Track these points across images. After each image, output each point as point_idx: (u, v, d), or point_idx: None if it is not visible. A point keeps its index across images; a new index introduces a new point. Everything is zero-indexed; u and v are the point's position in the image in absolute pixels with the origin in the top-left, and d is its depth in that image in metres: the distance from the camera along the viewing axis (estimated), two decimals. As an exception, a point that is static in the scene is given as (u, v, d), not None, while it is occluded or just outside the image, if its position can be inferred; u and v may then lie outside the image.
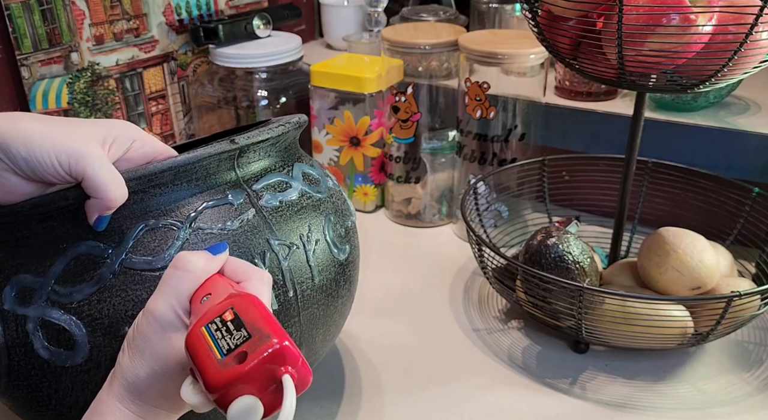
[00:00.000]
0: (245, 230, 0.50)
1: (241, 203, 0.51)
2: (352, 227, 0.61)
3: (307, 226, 0.54)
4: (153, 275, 0.47)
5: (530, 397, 0.65)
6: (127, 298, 0.46)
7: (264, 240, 0.51)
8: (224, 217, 0.50)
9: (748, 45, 0.56)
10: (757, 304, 0.64)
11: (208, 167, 0.49)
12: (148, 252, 0.47)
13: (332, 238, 0.57)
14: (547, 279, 0.64)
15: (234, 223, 0.50)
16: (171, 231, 0.48)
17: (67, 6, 0.88)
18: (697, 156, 0.86)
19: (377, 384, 0.67)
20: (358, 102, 0.96)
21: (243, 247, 0.50)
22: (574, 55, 0.67)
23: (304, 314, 0.54)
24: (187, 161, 0.48)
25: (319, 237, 0.55)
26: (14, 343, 0.47)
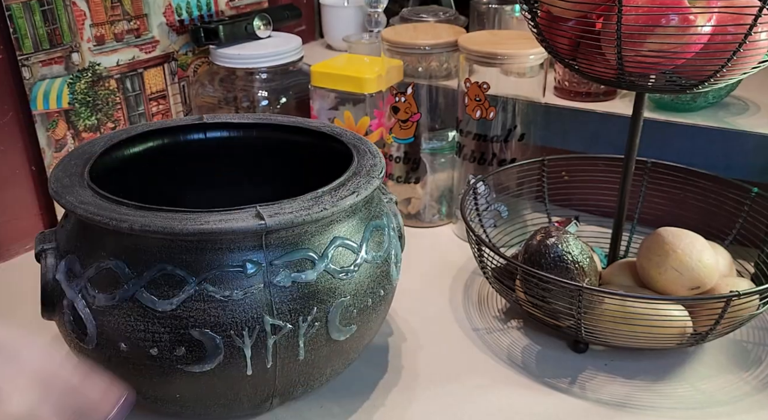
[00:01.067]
0: (246, 301, 0.51)
1: (254, 273, 0.51)
2: (375, 302, 0.58)
3: (312, 308, 0.53)
4: (158, 312, 0.51)
5: (530, 397, 0.65)
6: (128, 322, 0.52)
7: (259, 315, 0.51)
8: (233, 285, 0.51)
9: (747, 45, 0.57)
10: (756, 303, 0.65)
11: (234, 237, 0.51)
12: (159, 295, 0.51)
13: (337, 321, 0.55)
14: (546, 279, 0.65)
15: (239, 293, 0.51)
16: (182, 281, 0.51)
17: (68, 6, 0.88)
18: (696, 156, 0.86)
19: (377, 384, 0.67)
20: (358, 102, 0.96)
21: (237, 316, 0.51)
22: (574, 56, 0.67)
23: (280, 380, 0.55)
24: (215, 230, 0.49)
25: (319, 320, 0.54)
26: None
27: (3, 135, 0.86)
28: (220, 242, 0.50)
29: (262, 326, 0.51)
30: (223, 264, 0.50)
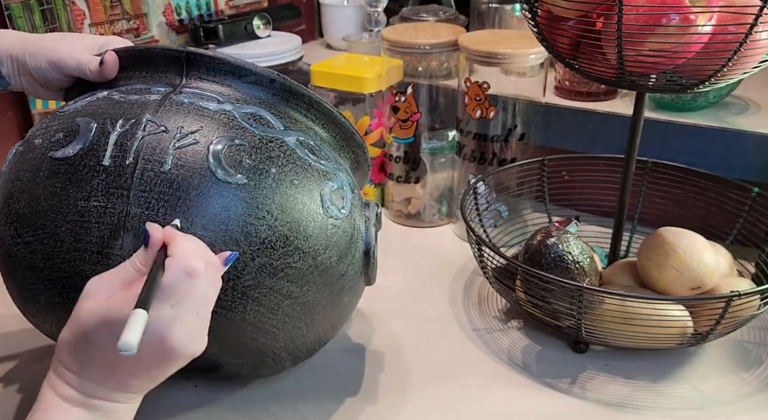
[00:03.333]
0: (139, 102, 0.55)
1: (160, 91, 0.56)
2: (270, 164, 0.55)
3: (198, 125, 0.53)
4: (58, 112, 0.57)
5: (530, 397, 0.65)
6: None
7: (141, 113, 0.54)
8: (140, 92, 0.56)
9: (748, 45, 0.56)
10: (757, 303, 0.64)
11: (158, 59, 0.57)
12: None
13: (222, 154, 0.52)
14: (546, 279, 0.65)
15: (137, 98, 0.55)
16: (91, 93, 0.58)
17: (67, 6, 0.88)
18: (696, 156, 0.86)
19: (377, 384, 0.67)
20: (358, 102, 0.96)
21: (123, 112, 0.53)
22: (574, 55, 0.67)
23: (136, 191, 0.52)
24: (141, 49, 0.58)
25: (199, 141, 0.52)
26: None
27: (2, 134, 0.86)
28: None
29: (138, 120, 0.52)
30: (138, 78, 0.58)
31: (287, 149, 0.55)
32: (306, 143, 0.56)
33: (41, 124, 0.56)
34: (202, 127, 0.53)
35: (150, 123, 0.52)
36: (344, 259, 0.57)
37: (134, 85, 0.57)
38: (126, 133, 0.52)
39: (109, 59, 0.57)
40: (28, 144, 0.55)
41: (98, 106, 0.54)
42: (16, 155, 0.56)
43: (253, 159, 0.52)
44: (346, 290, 0.58)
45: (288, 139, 0.55)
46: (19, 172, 0.54)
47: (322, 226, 0.54)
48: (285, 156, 0.54)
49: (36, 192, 0.52)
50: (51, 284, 0.52)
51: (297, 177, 0.54)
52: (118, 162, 0.51)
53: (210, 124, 0.53)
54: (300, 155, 0.55)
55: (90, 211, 0.50)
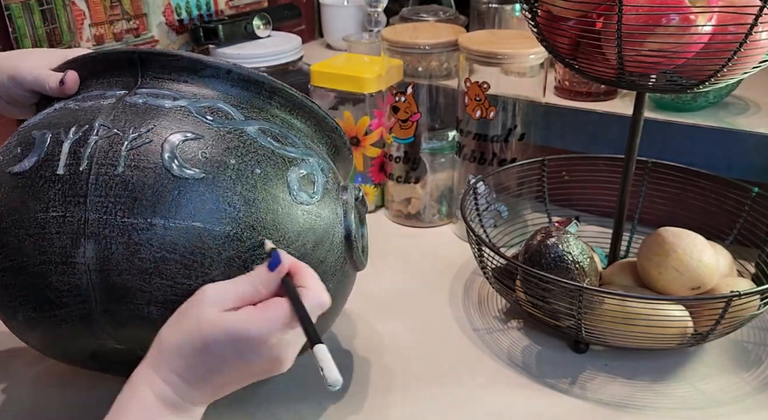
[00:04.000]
0: (92, 108, 0.55)
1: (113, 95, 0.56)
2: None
3: (150, 124, 0.53)
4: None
5: (530, 397, 0.65)
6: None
7: (93, 118, 0.53)
8: (92, 98, 0.56)
9: (748, 45, 0.56)
10: (757, 303, 0.64)
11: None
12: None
13: (176, 152, 0.52)
14: (546, 279, 0.65)
15: (90, 104, 0.55)
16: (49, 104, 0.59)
17: (67, 6, 0.88)
18: (696, 156, 0.86)
19: (377, 384, 0.67)
20: (357, 102, 0.96)
21: (76, 119, 0.53)
22: (574, 56, 0.67)
23: (93, 197, 0.51)
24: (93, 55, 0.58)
25: (151, 139, 0.52)
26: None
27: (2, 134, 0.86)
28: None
29: (91, 125, 0.52)
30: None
31: (247, 139, 0.54)
32: (269, 131, 0.56)
33: (6, 142, 0.57)
34: (155, 125, 0.52)
35: (102, 127, 0.52)
36: (321, 246, 0.56)
37: (91, 92, 0.57)
38: (79, 139, 0.52)
39: (69, 78, 0.57)
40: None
41: (54, 117, 0.55)
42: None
43: (210, 152, 0.52)
44: (329, 277, 0.57)
45: (248, 129, 0.55)
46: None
47: (291, 214, 0.54)
48: (245, 146, 0.53)
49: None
50: (25, 300, 0.52)
51: (259, 166, 0.53)
52: (72, 169, 0.50)
53: (164, 121, 0.52)
54: (262, 144, 0.54)
55: (49, 221, 0.50)
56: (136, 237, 0.49)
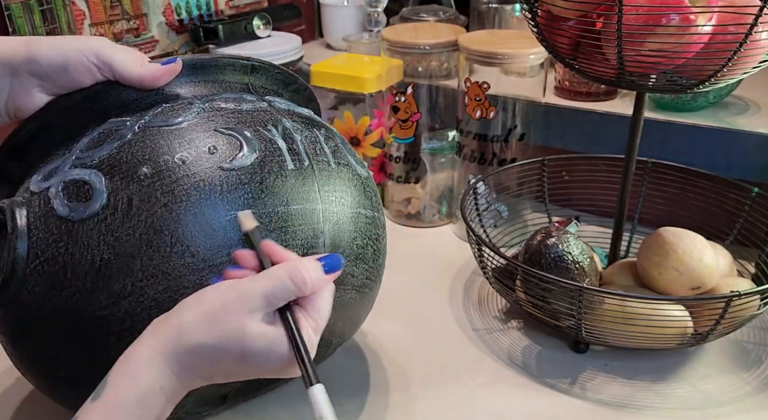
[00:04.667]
0: (257, 111, 0.54)
1: (254, 100, 0.56)
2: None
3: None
4: (170, 129, 0.50)
5: (530, 397, 0.65)
6: (145, 147, 0.49)
7: (277, 118, 0.55)
8: (236, 103, 0.54)
9: (748, 45, 0.56)
10: (757, 303, 0.64)
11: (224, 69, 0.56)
12: (165, 118, 0.51)
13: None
14: (546, 279, 0.64)
15: (245, 105, 0.54)
16: (188, 105, 0.52)
17: (67, 6, 0.88)
18: (696, 156, 0.86)
19: (377, 384, 0.67)
20: (358, 102, 0.96)
21: (256, 120, 0.53)
22: (574, 55, 0.67)
23: (320, 182, 0.54)
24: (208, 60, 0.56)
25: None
26: (36, 217, 0.49)
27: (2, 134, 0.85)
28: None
29: (284, 125, 0.55)
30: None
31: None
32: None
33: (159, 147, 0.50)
34: (323, 128, 0.58)
35: (295, 127, 0.55)
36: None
37: (220, 96, 0.55)
38: (286, 138, 0.53)
39: (176, 68, 0.53)
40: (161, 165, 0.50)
41: (228, 118, 0.52)
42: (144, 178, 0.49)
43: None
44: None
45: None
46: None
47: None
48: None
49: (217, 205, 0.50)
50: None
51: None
52: (299, 165, 0.53)
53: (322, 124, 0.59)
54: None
55: (292, 214, 0.51)
56: (354, 225, 0.55)
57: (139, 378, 0.41)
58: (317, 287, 0.45)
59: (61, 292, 0.48)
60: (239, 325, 0.42)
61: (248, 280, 0.43)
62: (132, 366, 0.42)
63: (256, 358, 0.42)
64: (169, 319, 0.43)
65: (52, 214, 0.48)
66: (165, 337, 0.42)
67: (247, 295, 0.43)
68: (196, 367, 0.42)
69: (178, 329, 0.42)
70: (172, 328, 0.42)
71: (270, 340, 0.42)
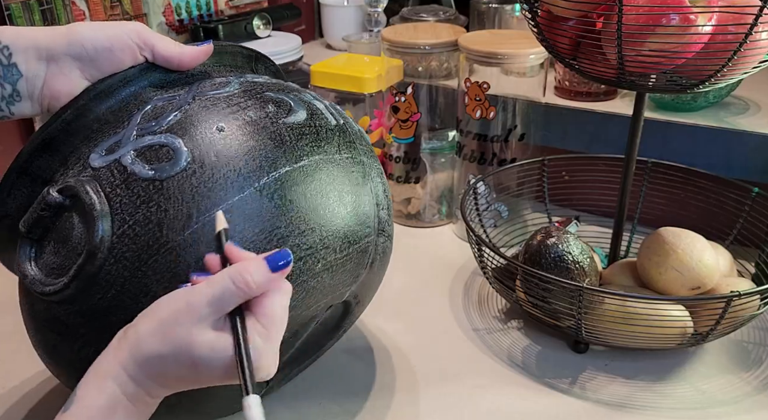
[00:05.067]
0: (282, 84, 0.58)
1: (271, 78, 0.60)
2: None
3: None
4: (223, 96, 0.53)
5: (530, 397, 0.65)
6: (209, 110, 0.51)
7: (299, 89, 0.58)
8: (264, 79, 0.57)
9: (748, 45, 0.56)
10: (757, 304, 0.64)
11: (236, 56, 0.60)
12: (214, 89, 0.53)
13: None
14: (546, 279, 0.65)
15: (271, 80, 0.57)
16: (226, 80, 0.55)
17: (67, 6, 0.88)
18: (696, 156, 0.86)
19: (377, 383, 0.67)
20: (358, 102, 0.96)
21: (288, 89, 0.56)
22: (574, 55, 0.67)
23: (354, 137, 0.59)
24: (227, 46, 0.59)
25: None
26: (113, 187, 0.49)
27: (2, 134, 0.86)
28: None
29: (304, 93, 0.59)
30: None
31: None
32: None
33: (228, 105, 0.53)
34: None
35: (311, 95, 0.59)
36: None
37: (245, 74, 0.58)
38: (316, 102, 0.57)
39: (210, 49, 0.55)
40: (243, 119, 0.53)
41: (266, 87, 0.56)
42: (221, 133, 0.51)
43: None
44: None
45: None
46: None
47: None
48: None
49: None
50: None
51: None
52: (338, 123, 0.57)
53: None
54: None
55: (345, 161, 0.56)
56: (379, 171, 0.60)
57: (104, 388, 0.42)
58: (264, 287, 0.44)
59: (159, 250, 0.48)
60: (187, 334, 0.42)
61: (197, 288, 0.43)
62: (99, 377, 0.43)
63: (204, 366, 0.43)
64: (128, 330, 0.44)
65: (133, 179, 0.48)
66: (125, 349, 0.43)
67: (194, 304, 0.42)
68: (153, 375, 0.43)
69: (135, 340, 0.43)
70: (131, 340, 0.43)
71: (213, 347, 0.42)
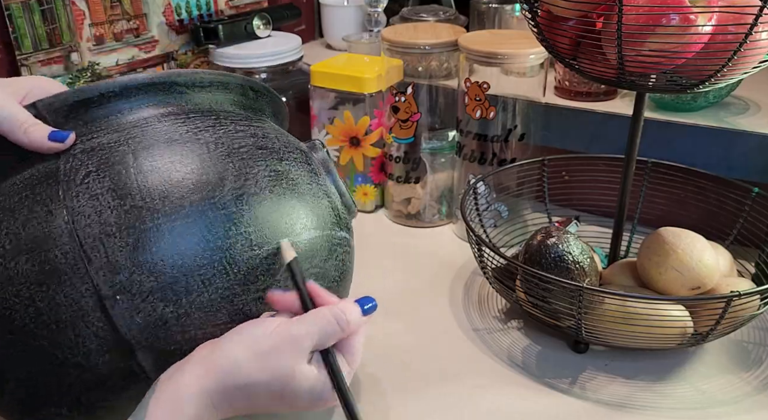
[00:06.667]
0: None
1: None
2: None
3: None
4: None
5: (530, 397, 0.65)
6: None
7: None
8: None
9: (748, 45, 0.56)
10: (757, 304, 0.64)
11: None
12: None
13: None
14: (546, 279, 0.64)
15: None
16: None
17: (67, 6, 0.88)
18: (697, 156, 0.86)
19: (377, 384, 0.67)
20: (358, 102, 0.96)
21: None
22: (574, 55, 0.67)
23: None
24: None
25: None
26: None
27: None
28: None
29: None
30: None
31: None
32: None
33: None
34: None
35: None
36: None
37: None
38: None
39: (62, 147, 0.47)
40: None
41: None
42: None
43: None
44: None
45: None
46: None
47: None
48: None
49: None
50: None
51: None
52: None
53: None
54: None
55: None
56: None
57: (181, 412, 0.42)
58: (356, 328, 0.47)
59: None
60: (290, 366, 0.44)
61: (297, 323, 0.45)
62: (176, 398, 0.42)
63: (295, 396, 0.44)
64: (217, 353, 0.44)
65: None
66: (215, 373, 0.43)
67: (298, 338, 0.45)
68: (237, 401, 0.44)
69: (230, 367, 0.43)
70: (223, 365, 0.43)
71: (312, 381, 0.45)
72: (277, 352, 0.44)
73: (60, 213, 0.45)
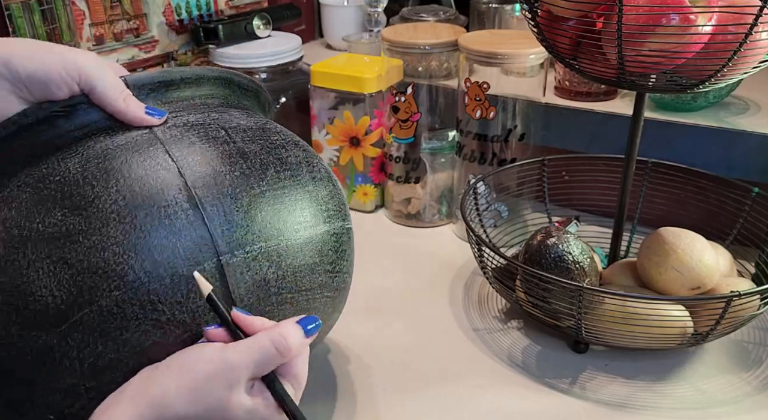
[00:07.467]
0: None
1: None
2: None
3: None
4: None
5: (530, 397, 0.65)
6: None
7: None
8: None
9: (748, 45, 0.56)
10: (757, 304, 0.64)
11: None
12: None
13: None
14: (546, 279, 0.64)
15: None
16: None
17: (67, 6, 0.88)
18: (697, 156, 0.86)
19: (377, 384, 0.67)
20: (358, 102, 0.96)
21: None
22: (574, 55, 0.67)
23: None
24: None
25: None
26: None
27: None
28: None
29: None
30: None
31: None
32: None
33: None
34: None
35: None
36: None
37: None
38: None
39: (158, 122, 0.50)
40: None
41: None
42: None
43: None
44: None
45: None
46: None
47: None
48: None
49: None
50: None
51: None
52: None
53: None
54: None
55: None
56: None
57: None
58: (299, 352, 0.45)
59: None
60: (223, 398, 0.42)
61: (233, 350, 0.43)
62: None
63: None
64: (151, 386, 0.42)
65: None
66: (147, 405, 0.42)
67: (233, 367, 0.42)
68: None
69: (161, 398, 0.42)
70: (155, 397, 0.42)
71: (248, 410, 0.43)
72: (211, 382, 0.42)
73: (173, 171, 0.48)
